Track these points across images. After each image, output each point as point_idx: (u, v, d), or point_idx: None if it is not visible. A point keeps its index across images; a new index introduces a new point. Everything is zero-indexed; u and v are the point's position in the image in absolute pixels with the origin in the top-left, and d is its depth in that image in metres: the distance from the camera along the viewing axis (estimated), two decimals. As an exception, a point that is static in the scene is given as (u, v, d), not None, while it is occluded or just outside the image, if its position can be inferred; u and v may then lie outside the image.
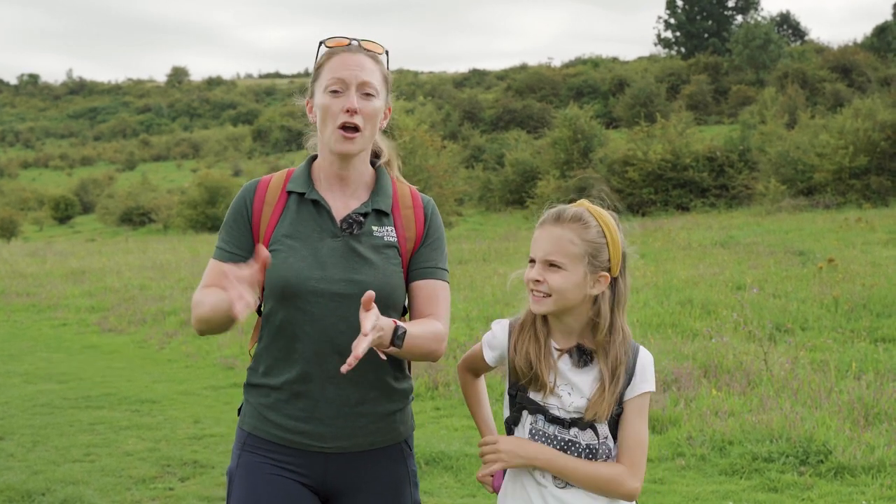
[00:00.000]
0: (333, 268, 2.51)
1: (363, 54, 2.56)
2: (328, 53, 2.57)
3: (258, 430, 2.56)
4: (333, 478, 2.56)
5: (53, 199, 55.63)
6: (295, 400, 2.52)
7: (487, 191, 39.99)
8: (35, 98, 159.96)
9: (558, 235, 2.43)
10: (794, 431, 6.01)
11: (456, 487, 5.76)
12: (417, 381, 8.43)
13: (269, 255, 2.32)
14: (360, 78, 2.52)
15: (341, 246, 2.53)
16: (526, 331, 2.50)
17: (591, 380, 2.44)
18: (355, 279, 2.50)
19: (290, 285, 2.49)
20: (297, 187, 2.59)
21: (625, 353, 2.45)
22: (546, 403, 2.45)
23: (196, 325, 2.57)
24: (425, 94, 78.61)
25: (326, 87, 2.53)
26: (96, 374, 9.86)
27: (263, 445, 2.55)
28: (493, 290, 13.28)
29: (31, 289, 17.67)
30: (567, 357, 2.47)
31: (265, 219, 2.58)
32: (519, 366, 2.47)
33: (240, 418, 2.64)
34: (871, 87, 49.69)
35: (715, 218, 26.31)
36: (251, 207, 2.60)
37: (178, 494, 5.75)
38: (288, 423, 2.53)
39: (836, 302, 10.64)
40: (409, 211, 2.64)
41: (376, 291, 2.41)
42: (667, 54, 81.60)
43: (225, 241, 2.61)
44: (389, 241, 2.58)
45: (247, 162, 72.79)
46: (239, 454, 2.58)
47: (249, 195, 2.62)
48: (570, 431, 2.44)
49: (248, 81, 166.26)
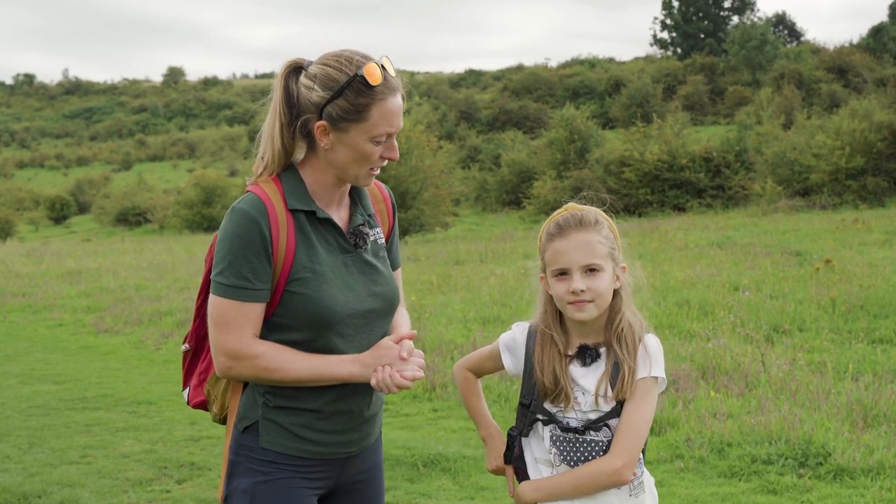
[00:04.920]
0: (357, 286, 2.52)
1: (399, 93, 2.47)
2: (375, 97, 2.42)
3: (290, 448, 2.50)
4: (344, 477, 2.63)
5: (49, 199, 55.51)
6: (330, 417, 2.53)
7: (484, 191, 40.00)
8: (31, 98, 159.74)
9: (588, 240, 2.45)
10: (792, 433, 6.00)
11: (454, 489, 5.74)
12: (415, 383, 8.39)
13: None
14: (400, 125, 2.48)
15: (355, 261, 2.54)
16: (548, 343, 2.50)
17: (600, 374, 2.45)
18: (376, 292, 2.55)
19: (333, 314, 2.45)
20: (302, 205, 2.47)
21: (635, 340, 2.48)
22: (559, 412, 2.47)
23: (262, 382, 2.48)
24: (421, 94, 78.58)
25: (372, 138, 2.43)
26: (92, 375, 9.83)
27: (291, 461, 2.52)
28: (490, 291, 13.25)
29: (27, 289, 17.62)
30: (575, 361, 2.48)
31: (282, 244, 2.42)
32: (547, 384, 2.47)
33: (253, 437, 2.52)
34: (867, 87, 49.81)
35: (711, 219, 26.32)
36: (269, 236, 2.41)
37: (175, 497, 5.72)
38: (325, 437, 2.53)
39: (834, 303, 10.64)
40: (382, 205, 2.69)
41: (392, 300, 2.58)
42: (663, 55, 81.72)
43: (246, 279, 2.40)
44: (381, 242, 2.62)
45: (243, 162, 72.64)
46: (267, 471, 2.49)
47: (264, 221, 2.40)
48: (588, 434, 2.45)
49: (244, 81, 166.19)
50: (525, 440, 2.55)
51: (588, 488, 2.43)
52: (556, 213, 2.54)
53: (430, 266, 17.78)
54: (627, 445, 2.42)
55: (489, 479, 5.83)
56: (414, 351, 2.47)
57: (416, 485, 5.79)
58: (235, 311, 2.40)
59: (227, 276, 2.40)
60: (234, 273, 2.39)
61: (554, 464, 2.49)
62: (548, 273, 2.50)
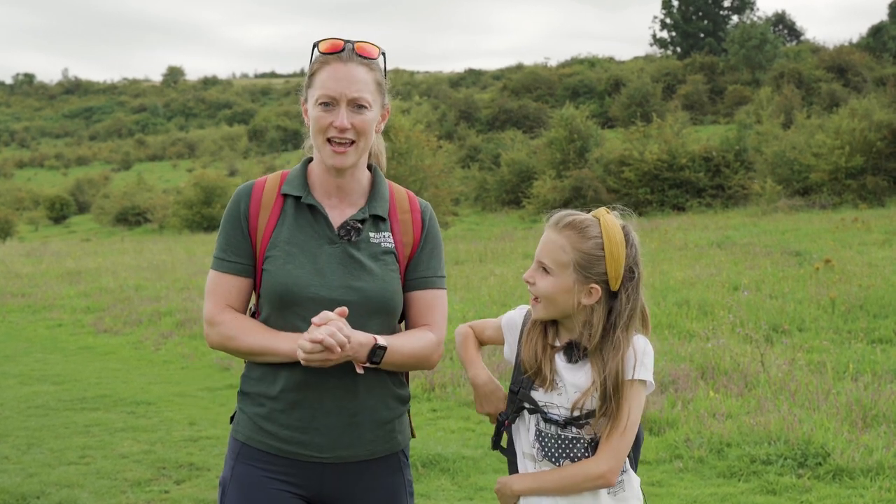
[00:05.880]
0: (332, 275, 2.48)
1: (356, 63, 2.48)
2: (321, 61, 2.50)
3: (253, 440, 2.51)
4: (330, 488, 2.52)
5: (49, 198, 55.50)
6: (292, 410, 2.47)
7: (483, 191, 39.99)
8: (30, 98, 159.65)
9: (552, 240, 2.47)
10: (791, 433, 6.00)
11: (453, 490, 5.74)
12: (414, 383, 8.40)
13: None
14: (350, 94, 2.45)
15: (339, 253, 2.50)
16: (537, 325, 2.54)
17: (583, 376, 2.45)
18: (354, 286, 2.48)
19: (289, 292, 2.45)
20: (293, 190, 2.53)
21: (617, 358, 2.43)
22: (545, 404, 2.46)
23: (227, 351, 2.55)
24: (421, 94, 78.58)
25: (317, 100, 2.48)
26: (91, 376, 9.83)
27: (258, 456, 2.50)
28: (490, 291, 13.25)
29: (27, 289, 17.62)
30: (561, 353, 2.49)
31: (262, 223, 2.52)
32: (526, 359, 2.50)
33: (233, 427, 2.59)
34: (866, 87, 49.81)
35: (711, 218, 26.33)
36: (247, 211, 2.53)
37: (174, 497, 5.71)
38: (284, 433, 2.48)
39: (833, 303, 10.63)
40: (407, 216, 2.60)
41: (374, 298, 2.46)
42: (662, 54, 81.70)
43: (223, 251, 2.54)
44: (387, 247, 2.54)
45: (242, 162, 72.68)
46: (233, 465, 2.53)
47: (245, 199, 2.54)
48: (570, 430, 2.45)
49: (243, 81, 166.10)
50: (515, 431, 2.55)
51: (572, 489, 2.44)
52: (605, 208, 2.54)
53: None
54: (614, 449, 2.42)
55: (488, 479, 5.83)
56: (332, 321, 2.32)
57: (415, 485, 5.78)
58: (215, 280, 2.55)
59: (215, 249, 2.57)
60: (218, 246, 2.56)
61: (536, 459, 2.49)
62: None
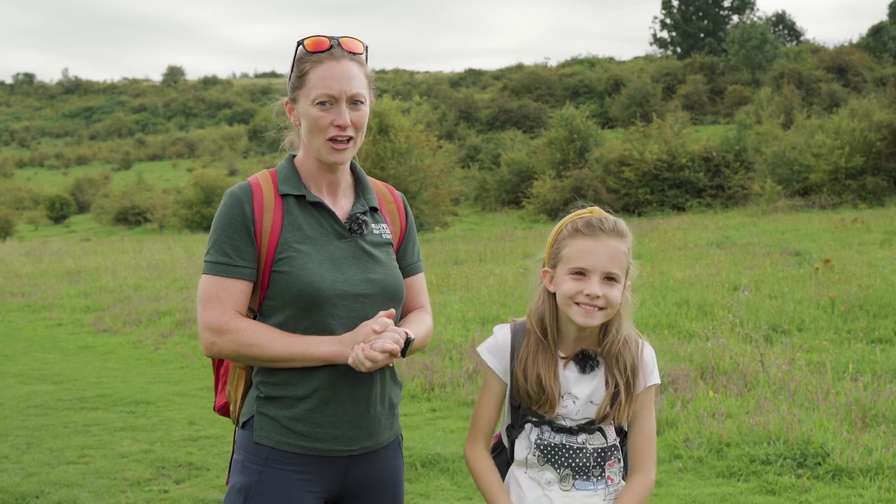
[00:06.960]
0: (350, 269, 2.50)
1: (347, 59, 2.49)
2: (313, 61, 2.50)
3: (283, 444, 2.47)
4: (350, 481, 2.55)
5: (49, 198, 55.51)
6: (324, 407, 2.48)
7: (483, 191, 40.02)
8: (30, 97, 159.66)
9: (616, 248, 2.40)
10: (791, 433, 5.99)
11: (452, 490, 5.73)
12: (414, 383, 8.41)
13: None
14: (350, 92, 2.48)
15: (351, 247, 2.53)
16: (533, 345, 2.45)
17: (598, 384, 2.42)
18: (371, 278, 2.52)
19: (318, 291, 2.44)
20: (293, 190, 2.53)
21: (633, 358, 2.45)
22: (552, 416, 2.44)
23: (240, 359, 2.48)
24: (421, 93, 78.57)
25: (314, 100, 2.48)
26: (91, 375, 9.82)
27: (289, 459, 2.48)
28: (490, 291, 13.25)
29: (26, 289, 17.62)
30: (572, 364, 2.45)
31: (267, 225, 2.48)
32: (530, 389, 2.41)
33: (255, 433, 2.50)
34: (866, 87, 49.86)
35: (711, 218, 26.32)
36: (251, 215, 2.48)
37: (173, 497, 5.71)
38: (317, 431, 2.48)
39: (833, 303, 10.63)
40: (392, 206, 2.69)
41: (389, 288, 2.53)
42: (662, 54, 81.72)
43: (228, 255, 2.46)
44: (387, 237, 2.62)
45: (242, 161, 72.60)
46: (260, 470, 2.47)
47: (247, 202, 2.48)
48: (577, 438, 2.43)
49: (243, 81, 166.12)
50: (518, 440, 2.50)
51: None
52: (579, 211, 2.48)
53: (430, 266, 17.76)
54: (651, 455, 2.48)
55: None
56: (389, 326, 2.39)
57: (415, 485, 5.78)
58: (218, 286, 2.46)
59: (212, 254, 2.48)
60: (217, 251, 2.47)
61: (538, 464, 2.45)
62: (560, 269, 2.42)
